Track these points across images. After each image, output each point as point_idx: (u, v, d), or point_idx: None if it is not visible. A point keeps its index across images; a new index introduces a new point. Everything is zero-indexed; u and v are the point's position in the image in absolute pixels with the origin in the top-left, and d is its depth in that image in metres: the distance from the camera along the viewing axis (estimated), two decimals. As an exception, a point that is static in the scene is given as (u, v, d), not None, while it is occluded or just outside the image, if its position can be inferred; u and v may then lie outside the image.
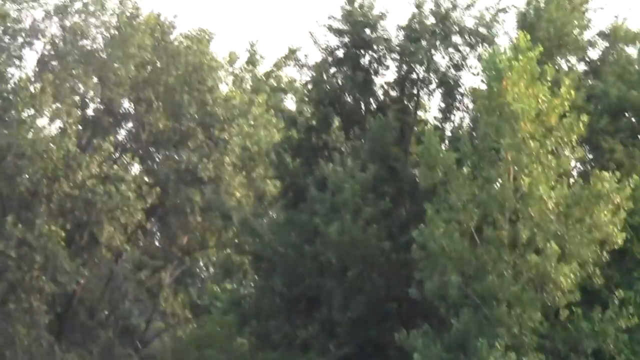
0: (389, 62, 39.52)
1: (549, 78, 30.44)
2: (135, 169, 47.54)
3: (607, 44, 36.94)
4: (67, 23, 45.74)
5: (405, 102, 39.62)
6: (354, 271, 36.22)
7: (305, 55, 41.10)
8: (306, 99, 41.78)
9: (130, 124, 49.07)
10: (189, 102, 46.50)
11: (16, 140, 42.11)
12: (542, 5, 35.33)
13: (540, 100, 30.03)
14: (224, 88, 49.67)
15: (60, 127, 44.76)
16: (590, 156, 35.13)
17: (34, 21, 45.49)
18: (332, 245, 35.75)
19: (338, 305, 36.30)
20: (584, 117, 30.72)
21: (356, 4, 39.17)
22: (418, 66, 38.57)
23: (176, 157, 47.21)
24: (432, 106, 39.96)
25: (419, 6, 38.66)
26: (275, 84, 53.98)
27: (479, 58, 37.22)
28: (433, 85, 39.04)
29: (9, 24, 44.67)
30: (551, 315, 30.37)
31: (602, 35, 36.97)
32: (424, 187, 32.24)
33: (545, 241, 29.33)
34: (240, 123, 46.70)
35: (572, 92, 30.82)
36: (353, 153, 38.28)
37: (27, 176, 42.32)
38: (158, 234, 51.64)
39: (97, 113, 47.85)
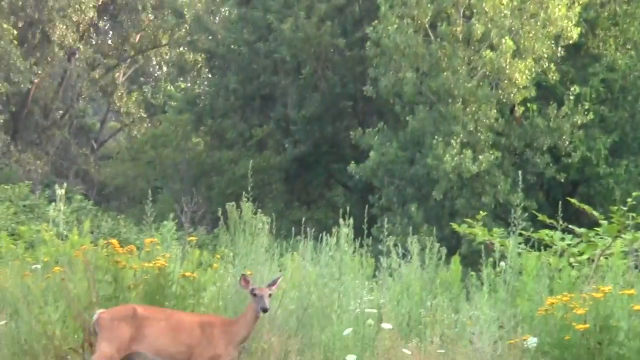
0: None
1: None
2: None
3: None
4: None
5: None
6: (309, 69, 35.94)
7: None
8: None
9: None
10: None
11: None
12: None
13: None
14: None
15: None
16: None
17: None
18: (285, 42, 35.35)
19: (293, 103, 36.17)
20: None
21: None
22: None
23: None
24: None
25: None
26: None
27: None
28: None
29: None
30: (506, 112, 30.35)
31: None
32: (377, -17, 31.59)
33: (500, 37, 28.97)
34: None
35: None
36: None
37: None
38: (110, 32, 50.77)
39: None
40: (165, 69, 51.30)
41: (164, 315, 10.10)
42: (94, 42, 49.27)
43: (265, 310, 9.83)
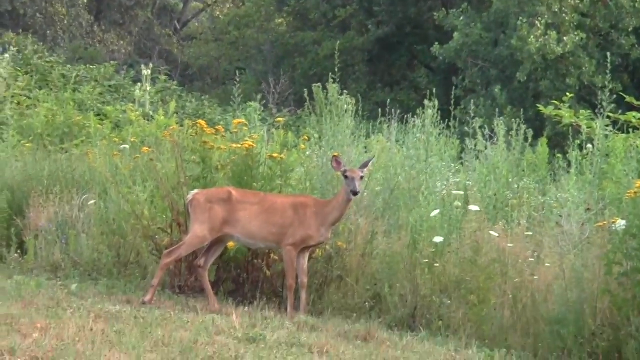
0: None
1: None
2: None
3: None
4: None
5: None
6: (392, -52, 35.34)
7: None
8: None
9: None
10: None
11: None
12: None
13: None
14: None
15: None
16: None
17: None
18: None
19: (377, -17, 35.70)
20: None
21: None
22: None
23: None
24: None
25: None
26: None
27: None
28: None
29: None
30: (593, -7, 29.62)
31: None
32: None
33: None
34: None
35: None
36: None
37: None
38: None
39: None
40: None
41: (258, 198, 10.20)
42: None
43: (355, 193, 9.87)
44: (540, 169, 13.21)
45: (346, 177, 9.89)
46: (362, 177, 9.98)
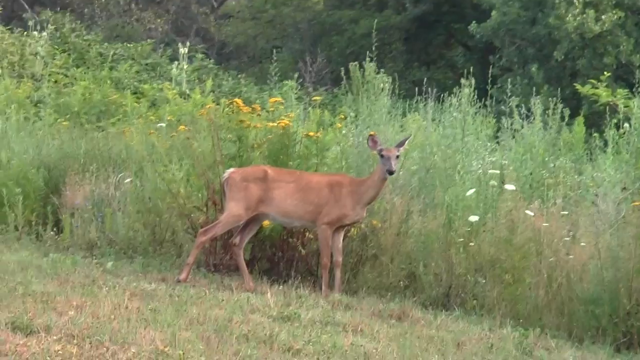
0: None
1: None
2: None
3: None
4: None
5: None
6: None
7: None
8: None
9: None
10: None
11: None
12: None
13: None
14: None
15: None
16: None
17: None
18: None
19: (412, -39, 35.50)
20: None
21: None
22: None
23: None
24: None
25: None
26: None
27: None
28: None
29: None
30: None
31: None
32: None
33: None
34: None
35: None
36: None
37: None
38: None
39: None
40: None
41: (293, 177, 10.21)
42: None
43: (391, 173, 9.86)
44: (576, 148, 13.14)
45: (382, 156, 9.88)
46: (397, 156, 9.95)
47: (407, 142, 10.24)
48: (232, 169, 10.37)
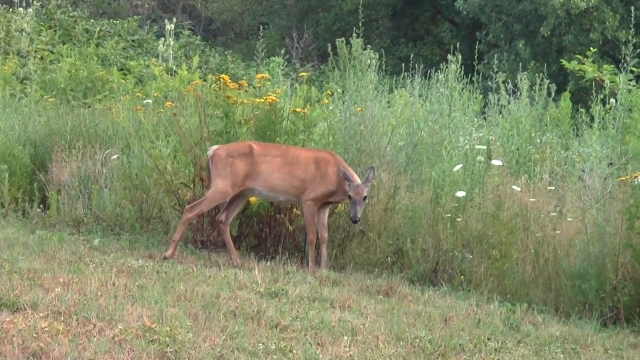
0: None
1: None
2: None
3: None
4: None
5: None
6: None
7: None
8: None
9: None
10: None
11: None
12: None
13: None
14: None
15: None
16: None
17: None
18: None
19: None
20: None
21: None
22: None
23: None
24: None
25: None
26: None
27: None
28: None
29: None
30: None
31: None
32: None
33: None
34: None
35: None
36: None
37: None
38: None
39: None
40: None
41: (280, 151, 10.20)
42: None
43: (354, 221, 10.00)
44: (562, 123, 13.16)
45: (349, 196, 9.90)
46: (365, 198, 9.95)
47: (372, 175, 10.14)
48: (216, 146, 10.34)
